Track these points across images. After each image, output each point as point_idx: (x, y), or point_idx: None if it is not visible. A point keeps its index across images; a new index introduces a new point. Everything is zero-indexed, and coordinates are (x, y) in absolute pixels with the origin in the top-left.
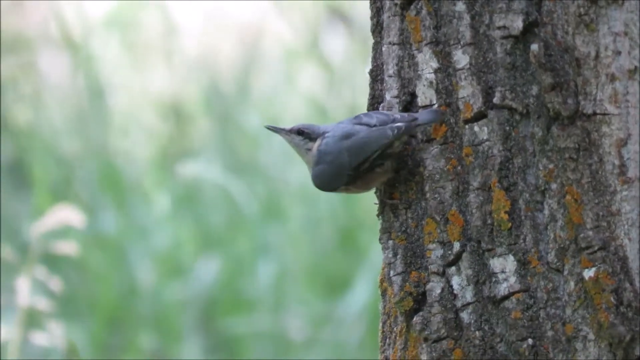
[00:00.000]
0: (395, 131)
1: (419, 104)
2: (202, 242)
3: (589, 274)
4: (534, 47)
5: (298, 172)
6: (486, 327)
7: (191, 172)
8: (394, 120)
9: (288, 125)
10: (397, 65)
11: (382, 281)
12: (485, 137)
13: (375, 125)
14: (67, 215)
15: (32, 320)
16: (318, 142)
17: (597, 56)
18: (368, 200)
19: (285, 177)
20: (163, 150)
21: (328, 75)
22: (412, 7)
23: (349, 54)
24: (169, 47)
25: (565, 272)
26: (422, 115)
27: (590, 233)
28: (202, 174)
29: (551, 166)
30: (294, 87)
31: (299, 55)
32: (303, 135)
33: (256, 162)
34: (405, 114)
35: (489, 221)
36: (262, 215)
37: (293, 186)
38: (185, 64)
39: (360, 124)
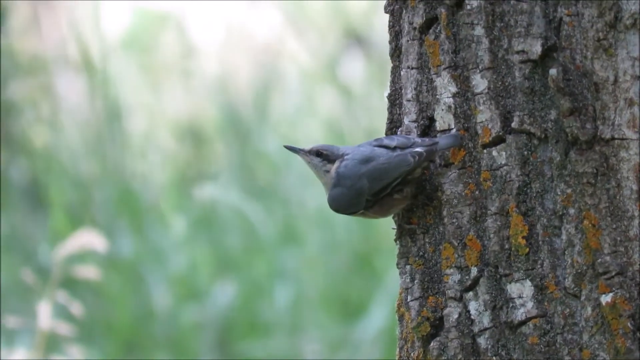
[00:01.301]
0: (417, 157)
1: (437, 128)
2: (219, 265)
3: (606, 299)
4: (553, 71)
5: (315, 195)
6: (503, 353)
7: (208, 195)
8: (414, 144)
9: (307, 146)
10: (415, 89)
11: (399, 306)
12: (503, 162)
13: (395, 147)
14: (89, 239)
15: (51, 343)
16: (337, 164)
17: (615, 81)
18: (385, 225)
19: (303, 200)
20: (180, 172)
21: (346, 98)
22: (430, 31)
23: (367, 77)
24: (186, 68)
25: (583, 298)
26: (442, 140)
27: (608, 258)
28: (219, 197)
29: (569, 191)
30: (312, 110)
31: (317, 78)
32: (322, 156)
33: (274, 186)
34: (426, 139)
35: (507, 246)
36: (279, 238)
37: (310, 210)
38: (202, 85)
39: (381, 145)
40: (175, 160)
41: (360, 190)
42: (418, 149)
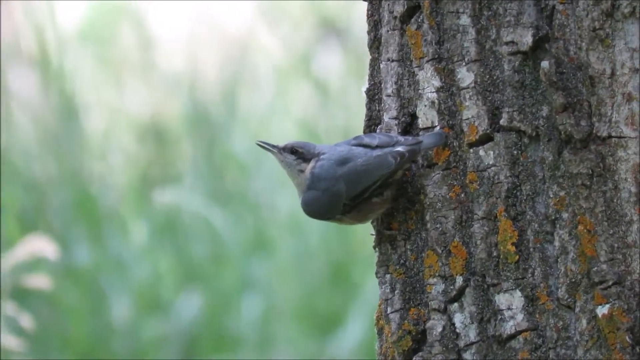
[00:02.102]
0: (398, 159)
1: (420, 126)
2: (184, 275)
3: (602, 311)
4: (545, 64)
5: (288, 199)
6: None
7: (172, 199)
8: (397, 143)
9: (281, 143)
10: (396, 83)
11: (378, 319)
12: (491, 162)
13: (377, 147)
14: (39, 246)
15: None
16: (312, 163)
17: (612, 74)
18: (364, 231)
19: (274, 205)
20: (142, 175)
21: (321, 94)
22: (412, 20)
23: (344, 71)
24: (148, 62)
25: (577, 309)
26: (425, 139)
27: (604, 267)
28: (184, 201)
29: (562, 194)
30: (285, 107)
31: (290, 73)
32: (296, 154)
33: (243, 189)
34: (409, 137)
35: (495, 253)
36: (249, 246)
37: (282, 215)
38: (166, 81)
39: (361, 144)
40: (136, 161)
41: (337, 194)
42: (399, 149)
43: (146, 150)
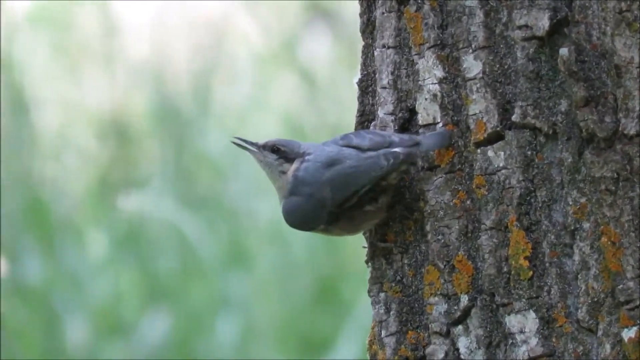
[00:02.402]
0: (392, 160)
1: (420, 123)
2: (149, 292)
3: (629, 334)
4: (564, 51)
5: (268, 206)
6: None
7: (136, 205)
8: (391, 144)
9: (261, 140)
10: (392, 73)
11: (371, 343)
12: (501, 164)
13: (368, 149)
14: None
15: None
16: (296, 164)
17: None
18: (355, 243)
19: (253, 212)
20: (102, 178)
21: (307, 86)
22: (411, 1)
23: (333, 59)
24: (110, 51)
25: (600, 333)
26: (425, 139)
27: (631, 284)
28: (150, 208)
29: (583, 200)
30: (266, 100)
31: (272, 62)
32: (278, 153)
33: (217, 194)
34: (405, 136)
35: (505, 269)
36: (224, 259)
37: (262, 224)
38: (130, 71)
39: (349, 146)
40: (96, 162)
41: (322, 201)
42: (394, 150)
43: (107, 150)
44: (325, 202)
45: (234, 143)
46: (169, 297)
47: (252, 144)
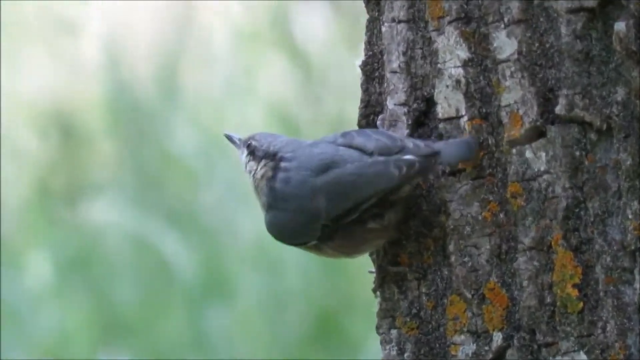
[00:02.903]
0: (405, 170)
1: (440, 116)
2: (104, 328)
3: None
4: (620, 26)
5: (253, 220)
6: None
7: (88, 220)
8: (403, 150)
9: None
10: (404, 54)
11: None
12: (542, 168)
13: (371, 153)
14: None
15: None
16: (264, 169)
17: None
18: (360, 267)
19: (234, 228)
20: (44, 185)
21: (300, 70)
22: None
23: (331, 38)
24: (54, 29)
25: None
26: (446, 147)
27: None
28: (104, 223)
29: None
30: (250, 88)
31: (257, 41)
32: (248, 149)
33: (189, 205)
34: (421, 142)
35: (549, 299)
36: (198, 286)
37: (245, 242)
38: (78, 54)
39: (350, 146)
40: (36, 166)
41: (314, 213)
42: (408, 157)
43: (50, 150)
44: (318, 213)
45: (226, 137)
46: (129, 334)
47: (237, 139)
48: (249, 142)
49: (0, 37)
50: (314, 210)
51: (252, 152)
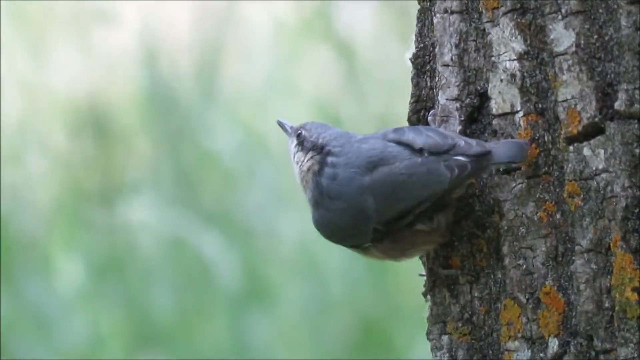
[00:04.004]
0: (457, 171)
1: (494, 112)
2: (138, 336)
3: None
4: None
5: (295, 223)
6: None
7: (122, 222)
8: (454, 148)
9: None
10: (457, 47)
11: None
12: (601, 166)
13: (421, 150)
14: None
15: None
16: (311, 161)
17: None
18: (409, 270)
19: (275, 232)
20: (76, 186)
21: (346, 64)
22: None
23: (378, 30)
24: (86, 21)
25: None
26: (497, 148)
27: None
28: (139, 225)
29: None
30: (292, 83)
31: (300, 34)
32: (298, 138)
33: (229, 208)
34: (473, 141)
35: (607, 304)
36: (238, 293)
37: (287, 247)
38: (112, 48)
39: (399, 142)
40: (68, 165)
41: (363, 212)
42: (459, 158)
43: (83, 149)
44: (367, 215)
45: (279, 124)
46: (165, 341)
47: (289, 127)
48: (300, 131)
49: None
50: (362, 211)
51: (302, 143)
